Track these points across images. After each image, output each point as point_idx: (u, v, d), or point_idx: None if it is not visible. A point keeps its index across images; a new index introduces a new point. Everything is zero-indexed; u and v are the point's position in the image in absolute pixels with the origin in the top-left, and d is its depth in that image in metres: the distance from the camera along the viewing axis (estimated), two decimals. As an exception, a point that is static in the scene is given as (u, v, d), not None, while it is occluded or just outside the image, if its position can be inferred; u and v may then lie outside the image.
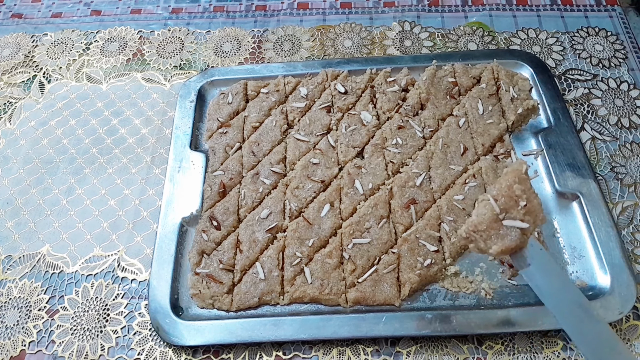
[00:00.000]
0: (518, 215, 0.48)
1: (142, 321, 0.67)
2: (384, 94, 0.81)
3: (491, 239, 0.48)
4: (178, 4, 1.02)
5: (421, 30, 0.95)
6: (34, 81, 0.92)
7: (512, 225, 0.48)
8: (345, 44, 0.94)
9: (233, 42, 0.95)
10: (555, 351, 0.62)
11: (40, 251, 0.74)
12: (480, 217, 0.49)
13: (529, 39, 0.92)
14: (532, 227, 0.48)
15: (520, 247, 0.48)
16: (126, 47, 0.96)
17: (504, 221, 0.48)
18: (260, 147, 0.78)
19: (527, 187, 0.49)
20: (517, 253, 0.49)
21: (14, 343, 0.66)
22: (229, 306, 0.66)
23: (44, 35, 0.99)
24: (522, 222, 0.48)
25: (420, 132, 0.77)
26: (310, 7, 1.00)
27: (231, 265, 0.68)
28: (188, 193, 0.75)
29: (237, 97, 0.83)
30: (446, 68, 0.83)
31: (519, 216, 0.48)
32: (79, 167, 0.82)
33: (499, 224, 0.48)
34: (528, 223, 0.48)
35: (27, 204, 0.78)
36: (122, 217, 0.76)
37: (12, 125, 0.87)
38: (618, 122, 0.81)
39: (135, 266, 0.72)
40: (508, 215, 0.48)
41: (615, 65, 0.88)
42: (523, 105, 0.78)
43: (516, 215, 0.48)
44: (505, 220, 0.48)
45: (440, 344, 0.63)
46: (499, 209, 0.48)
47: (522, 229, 0.47)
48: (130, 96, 0.89)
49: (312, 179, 0.73)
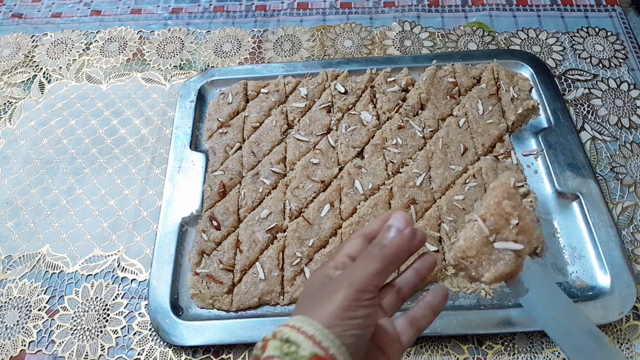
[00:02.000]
0: (510, 236, 0.42)
1: (142, 321, 0.67)
2: (384, 94, 0.81)
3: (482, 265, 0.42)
4: (178, 4, 1.02)
5: (421, 30, 0.95)
6: (34, 81, 0.92)
7: (505, 248, 0.42)
8: (345, 44, 0.94)
9: (233, 42, 0.95)
10: (555, 351, 0.62)
11: (40, 251, 0.74)
12: (469, 242, 0.42)
13: (529, 39, 0.92)
14: (527, 247, 0.42)
15: (515, 271, 0.42)
16: (126, 47, 0.96)
17: (495, 243, 0.42)
18: (260, 147, 0.78)
19: (518, 202, 0.43)
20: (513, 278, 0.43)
21: (14, 343, 0.67)
22: (229, 306, 0.66)
23: (44, 35, 0.99)
24: (515, 242, 0.42)
25: (420, 132, 0.77)
26: (310, 7, 1.00)
27: (231, 265, 0.68)
28: (188, 193, 0.75)
29: (237, 97, 0.83)
30: (446, 68, 0.83)
31: (511, 236, 0.42)
32: (79, 167, 0.82)
33: (490, 248, 0.42)
34: (522, 243, 0.42)
35: (27, 204, 0.78)
36: (122, 217, 0.76)
37: (12, 125, 0.87)
38: (618, 122, 0.81)
39: (135, 266, 0.72)
40: (499, 236, 0.42)
41: (615, 66, 0.88)
42: (523, 105, 0.78)
43: (508, 236, 0.42)
44: (496, 243, 0.42)
45: (440, 344, 0.63)
46: (488, 230, 0.42)
47: (516, 251, 0.41)
48: (130, 96, 0.89)
49: (312, 179, 0.73)
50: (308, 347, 0.34)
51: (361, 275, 0.38)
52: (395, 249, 0.40)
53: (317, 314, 0.37)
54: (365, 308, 0.37)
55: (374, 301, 0.38)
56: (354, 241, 0.43)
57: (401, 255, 0.41)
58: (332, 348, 0.35)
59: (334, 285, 0.39)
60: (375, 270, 0.39)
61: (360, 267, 0.39)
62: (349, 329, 0.36)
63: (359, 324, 0.37)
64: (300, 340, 0.35)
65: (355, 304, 0.37)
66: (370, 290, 0.38)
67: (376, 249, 0.40)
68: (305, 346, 0.35)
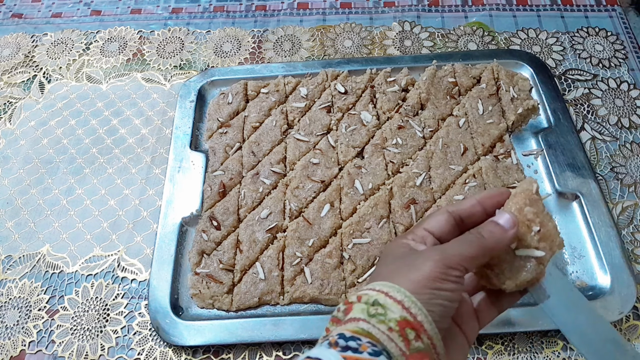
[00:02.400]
0: (532, 243, 0.41)
1: (142, 321, 0.67)
2: (384, 94, 0.81)
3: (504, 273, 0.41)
4: (178, 4, 1.02)
5: (421, 30, 0.95)
6: (34, 81, 0.92)
7: (527, 255, 0.41)
8: (345, 44, 0.94)
9: (233, 42, 0.95)
10: (555, 351, 0.62)
11: (40, 251, 0.74)
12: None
13: (529, 39, 0.92)
14: (549, 254, 0.41)
15: (537, 278, 0.41)
16: (126, 47, 0.96)
17: (517, 251, 0.41)
18: (260, 147, 0.78)
19: (540, 209, 0.42)
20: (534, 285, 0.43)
21: (14, 343, 0.66)
22: (229, 306, 0.66)
23: (44, 35, 0.99)
24: (537, 249, 0.41)
25: (420, 132, 0.77)
26: (310, 7, 1.00)
27: (231, 265, 0.68)
28: (188, 193, 0.75)
29: (237, 97, 0.83)
30: (446, 68, 0.83)
31: (533, 243, 0.41)
32: (79, 167, 0.82)
33: (511, 255, 0.41)
34: (544, 250, 0.41)
35: (27, 204, 0.78)
36: (122, 217, 0.76)
37: (12, 125, 0.87)
38: (618, 122, 0.81)
39: (135, 266, 0.72)
40: (520, 243, 0.41)
41: (615, 65, 0.88)
42: (523, 105, 0.78)
43: (530, 243, 0.41)
44: (518, 250, 0.41)
45: (440, 344, 0.63)
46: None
47: (538, 258, 0.41)
48: (130, 96, 0.89)
49: (312, 179, 0.73)
50: (397, 310, 0.34)
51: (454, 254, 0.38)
52: (494, 244, 0.39)
53: (403, 280, 0.36)
54: (452, 283, 0.37)
55: (461, 280, 0.38)
56: (438, 217, 0.42)
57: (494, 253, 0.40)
58: (420, 315, 0.34)
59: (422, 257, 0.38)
60: (470, 255, 0.38)
61: (454, 246, 0.39)
62: (435, 298, 0.36)
63: (446, 296, 0.36)
64: (388, 304, 0.34)
65: (444, 277, 0.36)
66: (460, 269, 0.37)
67: (474, 236, 0.40)
68: (395, 309, 0.34)
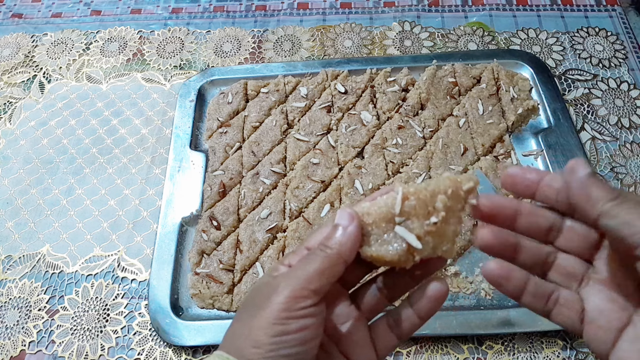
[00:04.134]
0: (419, 230, 0.36)
1: (142, 321, 0.67)
2: (384, 94, 0.81)
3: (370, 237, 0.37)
4: (178, 4, 1.02)
5: (421, 30, 0.95)
6: (34, 81, 0.92)
7: (403, 237, 0.36)
8: (345, 44, 0.94)
9: (233, 42, 0.95)
10: (555, 351, 0.62)
11: (40, 251, 0.74)
12: (373, 207, 0.37)
13: (529, 39, 0.92)
14: (428, 252, 0.36)
15: (399, 264, 0.36)
16: (126, 47, 0.96)
17: (397, 226, 0.36)
18: (260, 147, 0.78)
19: (457, 207, 0.37)
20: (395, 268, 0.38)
21: (14, 343, 0.67)
22: (229, 306, 0.66)
23: (44, 35, 0.99)
24: (417, 239, 0.35)
25: (420, 132, 0.77)
26: (310, 7, 1.00)
27: (231, 265, 0.68)
28: (188, 193, 0.75)
29: (237, 97, 0.83)
30: (446, 68, 0.83)
31: (419, 230, 0.36)
32: (79, 167, 0.82)
33: (389, 227, 0.36)
34: (425, 245, 0.35)
35: (27, 204, 0.78)
36: (122, 217, 0.76)
37: (12, 125, 0.87)
38: (618, 122, 0.81)
39: (135, 266, 0.72)
40: (407, 222, 0.36)
41: (615, 65, 0.88)
42: (523, 105, 0.78)
43: (416, 228, 0.36)
44: (398, 226, 0.36)
45: (440, 344, 0.63)
46: (399, 210, 0.36)
47: (410, 247, 0.35)
48: (130, 96, 0.89)
49: (312, 179, 0.73)
50: None
51: (298, 277, 0.33)
52: (338, 247, 0.34)
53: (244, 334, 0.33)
54: (301, 318, 0.32)
55: (314, 310, 0.33)
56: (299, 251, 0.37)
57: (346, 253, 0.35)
58: None
59: (268, 291, 0.34)
60: (315, 270, 0.33)
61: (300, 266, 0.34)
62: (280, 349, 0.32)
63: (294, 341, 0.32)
64: None
65: (287, 315, 0.32)
66: (308, 296, 0.32)
67: (317, 249, 0.35)
68: None
